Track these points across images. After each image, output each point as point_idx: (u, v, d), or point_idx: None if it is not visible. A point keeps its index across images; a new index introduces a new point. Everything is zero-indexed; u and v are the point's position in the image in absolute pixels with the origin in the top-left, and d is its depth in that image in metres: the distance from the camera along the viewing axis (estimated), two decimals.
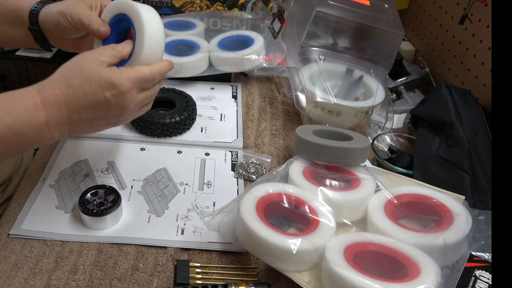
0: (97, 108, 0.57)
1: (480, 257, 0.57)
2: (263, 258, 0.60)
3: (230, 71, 1.02)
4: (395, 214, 0.65)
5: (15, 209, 0.69)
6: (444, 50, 1.09)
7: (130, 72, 0.57)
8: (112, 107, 0.57)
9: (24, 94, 0.54)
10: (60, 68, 0.58)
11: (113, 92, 0.56)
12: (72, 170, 0.77)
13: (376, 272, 0.55)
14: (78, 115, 0.56)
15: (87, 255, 0.64)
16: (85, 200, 0.67)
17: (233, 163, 0.83)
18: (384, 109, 0.88)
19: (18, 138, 0.54)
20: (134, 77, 0.57)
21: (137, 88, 0.59)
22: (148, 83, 0.60)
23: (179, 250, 0.66)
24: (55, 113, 0.55)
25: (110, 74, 0.56)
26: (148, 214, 0.70)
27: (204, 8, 1.19)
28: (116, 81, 0.56)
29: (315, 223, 0.61)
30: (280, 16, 1.05)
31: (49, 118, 0.54)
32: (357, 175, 0.71)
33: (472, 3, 0.92)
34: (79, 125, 0.57)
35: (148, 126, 0.85)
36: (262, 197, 0.64)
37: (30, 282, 0.59)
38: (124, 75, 0.57)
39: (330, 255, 0.56)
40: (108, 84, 0.56)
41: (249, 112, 0.97)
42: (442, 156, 0.79)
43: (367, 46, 0.99)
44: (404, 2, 1.26)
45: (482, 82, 0.94)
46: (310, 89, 0.87)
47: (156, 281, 0.61)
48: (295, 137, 0.76)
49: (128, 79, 0.57)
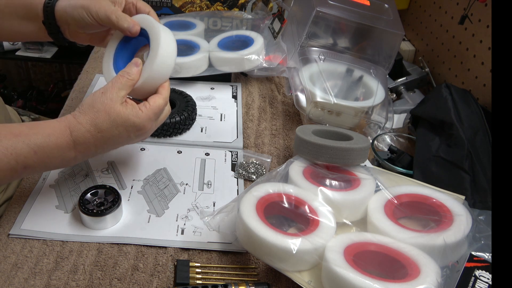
0: (120, 143, 0.64)
1: (480, 257, 0.57)
2: (263, 258, 0.60)
3: (230, 71, 1.02)
4: (395, 214, 0.65)
5: (15, 209, 0.69)
6: (444, 50, 1.09)
7: (149, 112, 0.62)
8: (134, 140, 0.65)
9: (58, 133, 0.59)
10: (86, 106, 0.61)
11: (137, 133, 0.63)
12: (72, 170, 0.77)
13: (376, 272, 0.55)
14: (102, 150, 0.63)
15: (87, 255, 0.64)
16: (85, 200, 0.67)
17: (233, 163, 0.83)
18: (384, 109, 0.88)
19: (47, 167, 0.62)
20: (153, 115, 0.63)
21: (155, 120, 0.65)
22: (162, 109, 0.65)
23: (179, 250, 0.66)
24: (84, 151, 0.61)
25: (134, 117, 0.61)
26: (148, 214, 0.70)
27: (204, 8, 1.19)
28: (140, 124, 0.62)
29: (315, 223, 0.61)
30: (280, 16, 1.05)
31: (78, 154, 0.61)
32: (357, 175, 0.70)
33: (472, 3, 0.92)
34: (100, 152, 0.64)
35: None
36: (262, 197, 0.64)
37: (30, 282, 0.60)
38: (145, 117, 0.62)
39: (330, 255, 0.56)
40: (133, 127, 0.62)
41: (249, 112, 0.97)
42: (442, 156, 0.79)
43: (367, 46, 0.99)
44: (404, 2, 1.26)
45: (482, 82, 0.94)
46: (310, 89, 0.87)
47: (156, 281, 0.61)
48: (295, 137, 0.76)
49: (149, 119, 0.63)
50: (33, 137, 0.57)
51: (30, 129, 0.58)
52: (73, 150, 0.60)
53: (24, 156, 0.57)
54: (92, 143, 0.61)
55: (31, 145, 0.57)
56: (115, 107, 0.60)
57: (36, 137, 0.58)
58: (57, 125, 0.60)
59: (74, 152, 0.60)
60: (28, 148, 0.57)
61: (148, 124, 0.63)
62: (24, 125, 0.59)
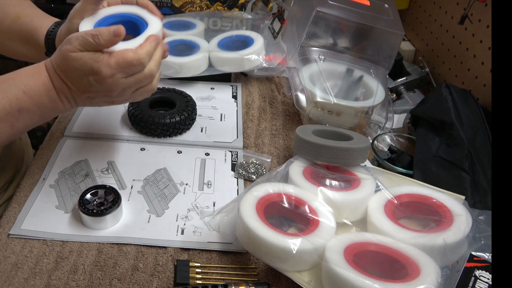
0: (88, 89, 0.62)
1: (480, 257, 0.57)
2: (263, 258, 0.60)
3: (230, 71, 1.02)
4: (395, 214, 0.65)
5: (15, 209, 0.69)
6: (444, 50, 1.09)
7: (110, 59, 0.59)
8: (98, 90, 0.62)
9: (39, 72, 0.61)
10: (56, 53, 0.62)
11: (95, 77, 0.60)
12: (72, 170, 0.77)
13: (376, 272, 0.55)
14: (77, 94, 0.63)
15: (87, 255, 0.64)
16: (85, 200, 0.67)
17: (233, 163, 0.83)
18: (384, 109, 0.88)
19: (41, 110, 0.62)
20: (114, 63, 0.59)
21: (121, 73, 0.61)
22: (134, 67, 0.61)
23: (179, 250, 0.66)
24: (60, 87, 0.62)
25: (91, 61, 0.59)
26: (148, 214, 0.70)
27: (204, 8, 1.19)
28: (95, 67, 0.59)
29: (315, 223, 0.61)
30: (280, 16, 1.05)
31: (59, 92, 0.62)
32: (357, 175, 0.70)
33: (472, 3, 0.92)
34: (82, 100, 0.64)
35: (148, 126, 0.85)
36: (262, 197, 0.64)
37: (30, 282, 0.59)
38: (104, 62, 0.59)
39: (330, 255, 0.56)
40: (89, 70, 0.59)
41: (249, 112, 0.97)
42: (442, 156, 0.79)
43: (367, 46, 0.99)
44: (404, 2, 1.26)
45: (482, 82, 0.94)
46: (310, 89, 0.87)
47: (156, 281, 0.61)
48: (295, 137, 0.76)
49: (107, 65, 0.59)
50: (18, 79, 0.60)
51: (14, 74, 0.61)
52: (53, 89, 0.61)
53: (16, 98, 0.59)
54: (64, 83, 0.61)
55: (19, 86, 0.59)
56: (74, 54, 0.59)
57: (21, 78, 0.60)
58: (37, 65, 0.62)
59: (54, 89, 0.61)
60: (17, 89, 0.59)
61: (107, 71, 0.59)
62: (7, 74, 0.61)
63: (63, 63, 0.60)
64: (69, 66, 0.60)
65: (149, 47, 0.62)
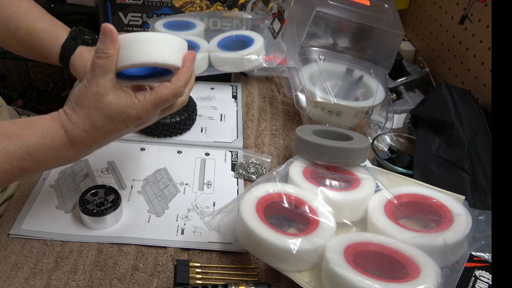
0: (121, 134, 0.59)
1: (480, 257, 0.57)
2: (263, 258, 0.60)
3: (230, 71, 1.02)
4: (395, 214, 0.65)
5: (15, 209, 0.69)
6: (444, 50, 1.09)
7: (147, 103, 0.56)
8: (132, 130, 0.60)
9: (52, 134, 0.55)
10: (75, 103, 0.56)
11: (136, 122, 0.57)
12: (72, 170, 0.77)
13: (376, 272, 0.55)
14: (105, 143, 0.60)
15: (87, 255, 0.64)
16: (85, 200, 0.67)
17: (233, 163, 0.83)
18: (384, 109, 0.88)
19: (46, 167, 0.59)
20: (152, 106, 0.56)
21: (157, 109, 0.58)
22: (168, 102, 0.57)
23: (179, 250, 0.66)
24: (84, 149, 0.58)
25: (128, 109, 0.55)
26: (148, 214, 0.70)
27: (204, 8, 1.19)
28: (136, 115, 0.56)
29: (315, 223, 0.61)
30: (280, 16, 1.04)
31: (78, 152, 0.58)
32: (357, 175, 0.70)
33: (472, 3, 0.92)
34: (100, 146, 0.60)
35: (148, 126, 0.84)
36: (262, 197, 0.64)
37: (30, 282, 0.59)
38: (142, 108, 0.56)
39: (330, 255, 0.56)
40: (129, 118, 0.56)
41: (249, 112, 0.97)
42: (442, 156, 0.79)
43: (367, 46, 0.99)
44: (404, 2, 1.26)
45: (482, 82, 0.94)
46: (310, 89, 0.87)
47: (156, 281, 0.61)
48: (295, 137, 0.76)
49: (146, 110, 0.56)
50: (27, 138, 0.54)
51: (23, 130, 0.55)
52: (72, 149, 0.57)
53: (19, 159, 0.54)
54: (91, 140, 0.57)
55: (25, 147, 0.54)
56: (104, 101, 0.54)
57: (30, 138, 0.54)
58: (50, 124, 0.56)
59: (73, 150, 0.57)
60: (21, 151, 0.54)
61: (147, 114, 0.57)
62: (17, 124, 0.56)
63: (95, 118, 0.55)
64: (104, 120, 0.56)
65: (187, 75, 0.57)
